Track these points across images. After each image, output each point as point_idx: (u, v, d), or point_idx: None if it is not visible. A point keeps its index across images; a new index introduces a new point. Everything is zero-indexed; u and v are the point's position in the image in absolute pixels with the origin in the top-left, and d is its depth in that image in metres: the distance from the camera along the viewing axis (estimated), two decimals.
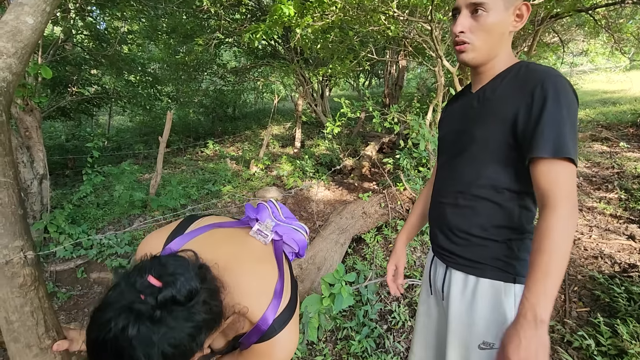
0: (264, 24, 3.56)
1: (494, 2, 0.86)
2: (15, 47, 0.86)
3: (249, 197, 5.18)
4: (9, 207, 0.79)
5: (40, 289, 0.83)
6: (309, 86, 8.13)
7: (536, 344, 0.74)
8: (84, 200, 4.26)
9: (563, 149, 0.77)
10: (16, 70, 0.87)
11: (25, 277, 0.80)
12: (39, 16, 0.90)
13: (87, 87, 7.39)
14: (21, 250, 0.80)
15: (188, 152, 8.21)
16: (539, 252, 0.76)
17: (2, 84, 0.82)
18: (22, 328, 0.80)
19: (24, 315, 0.80)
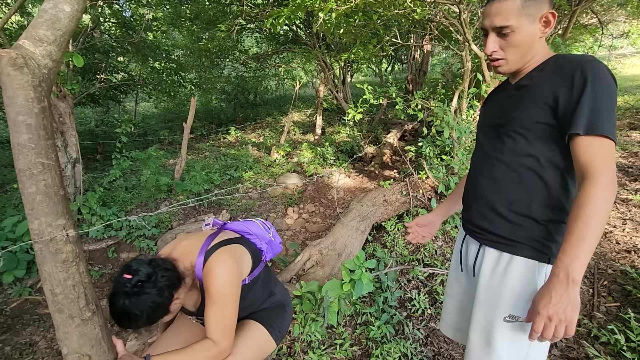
0: (286, 8, 3.52)
1: (518, 21, 0.90)
2: (55, 35, 0.90)
3: (270, 184, 5.25)
4: (52, 187, 0.84)
5: (80, 265, 0.89)
6: (331, 72, 8.03)
7: (566, 302, 0.78)
8: (113, 183, 4.45)
9: (598, 126, 0.81)
10: (56, 58, 0.90)
11: (67, 253, 0.85)
12: (76, 4, 0.93)
13: (115, 74, 7.61)
14: (64, 229, 0.85)
15: (211, 139, 8.35)
16: (576, 219, 0.79)
17: (44, 71, 0.86)
18: (65, 300, 0.86)
19: (67, 288, 0.86)
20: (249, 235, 1.40)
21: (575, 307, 0.78)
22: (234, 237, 1.30)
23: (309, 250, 2.47)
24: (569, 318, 0.78)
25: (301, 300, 1.90)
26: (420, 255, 2.55)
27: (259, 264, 1.34)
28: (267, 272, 1.43)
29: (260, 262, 1.35)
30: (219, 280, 1.11)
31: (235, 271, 1.15)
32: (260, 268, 1.34)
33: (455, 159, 3.41)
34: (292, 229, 4.18)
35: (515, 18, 0.90)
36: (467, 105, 3.90)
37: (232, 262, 1.16)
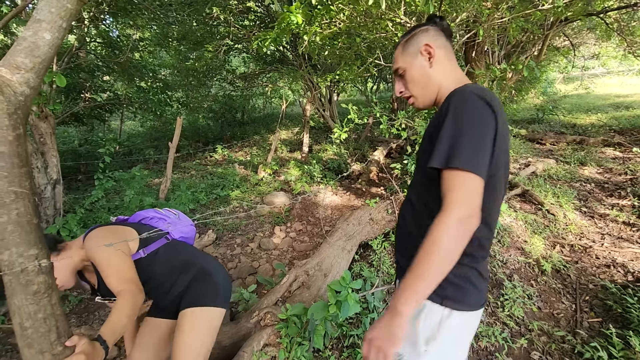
0: (272, 31, 3.60)
1: (404, 61, 1.04)
2: (33, 62, 0.89)
3: (257, 202, 5.21)
4: (24, 216, 0.82)
5: (53, 296, 0.86)
6: (317, 91, 8.17)
7: (385, 332, 0.77)
8: (95, 204, 4.34)
9: (455, 158, 0.79)
10: (34, 85, 0.90)
11: (39, 284, 0.83)
12: (56, 32, 0.94)
13: (100, 93, 7.54)
14: (36, 259, 0.83)
15: (197, 157, 8.30)
16: (418, 251, 0.78)
17: (20, 98, 0.85)
18: (35, 334, 0.82)
19: (37, 322, 0.83)
20: (147, 220, 1.64)
21: (390, 339, 0.75)
22: (116, 222, 1.54)
23: (295, 271, 2.44)
24: (384, 349, 0.75)
25: (287, 323, 1.86)
26: None
27: (158, 239, 1.50)
28: (177, 247, 1.55)
29: (160, 238, 1.51)
30: (95, 248, 1.26)
31: (107, 237, 1.31)
32: (159, 243, 1.49)
33: None
34: (279, 249, 4.13)
35: (402, 59, 1.04)
36: None
37: (103, 232, 1.34)
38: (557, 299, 2.36)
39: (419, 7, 2.46)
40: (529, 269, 2.70)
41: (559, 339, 2.00)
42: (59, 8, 0.94)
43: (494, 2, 3.40)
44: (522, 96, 10.67)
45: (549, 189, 4.16)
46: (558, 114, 9.18)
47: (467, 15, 3.51)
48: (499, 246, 2.96)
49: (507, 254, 2.87)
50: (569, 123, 8.17)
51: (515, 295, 2.33)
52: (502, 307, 2.29)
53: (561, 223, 3.35)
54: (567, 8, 3.17)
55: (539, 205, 3.76)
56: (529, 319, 2.17)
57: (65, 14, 0.95)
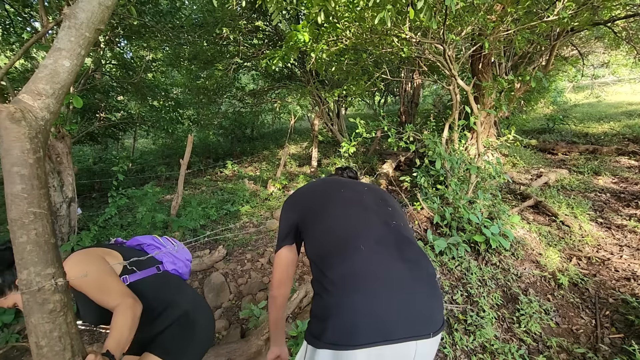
0: (280, 50, 3.70)
1: None
2: (53, 89, 0.94)
3: (267, 217, 5.23)
4: (42, 236, 0.85)
5: (68, 315, 0.87)
6: (325, 106, 8.27)
7: None
8: (108, 221, 4.42)
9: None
10: (54, 109, 0.94)
11: (55, 303, 0.84)
12: (75, 59, 0.99)
13: (114, 112, 7.78)
14: (52, 278, 0.85)
15: (208, 173, 8.41)
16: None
17: (41, 123, 0.90)
18: (50, 353, 0.84)
19: (53, 340, 0.84)
20: (145, 247, 1.58)
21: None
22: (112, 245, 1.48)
23: (306, 287, 2.43)
24: None
25: (297, 340, 1.84)
26: None
27: (148, 268, 1.41)
28: (166, 281, 1.45)
29: (148, 267, 1.42)
30: (72, 271, 1.17)
31: (83, 260, 1.25)
32: (148, 272, 1.39)
33: (449, 189, 3.44)
34: None
35: None
36: (458, 136, 4.00)
37: (79, 256, 1.27)
38: (575, 313, 2.29)
39: (424, 22, 2.50)
40: (544, 282, 2.63)
41: (579, 356, 1.93)
42: (77, 37, 0.99)
43: (498, 16, 3.44)
44: (532, 106, 10.60)
45: (562, 200, 4.08)
46: (569, 123, 9.08)
47: (473, 28, 3.55)
48: (513, 259, 2.90)
49: (521, 267, 2.81)
50: (581, 132, 8.06)
51: (532, 310, 2.27)
52: (517, 322, 2.23)
53: (577, 235, 3.27)
54: (573, 19, 3.18)
55: (553, 216, 3.68)
56: (547, 335, 2.11)
57: (83, 42, 1.00)
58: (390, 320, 0.89)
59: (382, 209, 1.16)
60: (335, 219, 1.12)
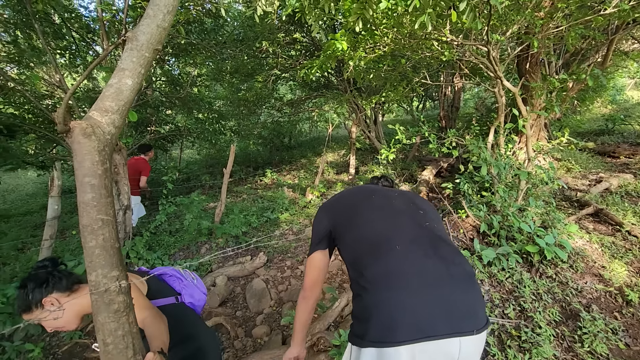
0: (318, 59, 3.76)
1: None
2: (118, 105, 1.03)
3: (306, 225, 5.28)
4: (109, 241, 0.92)
5: (130, 315, 0.94)
6: (362, 113, 8.25)
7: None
8: (158, 228, 4.69)
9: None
10: (118, 124, 1.03)
11: (119, 304, 0.91)
12: (136, 78, 1.07)
13: (163, 125, 8.31)
14: (117, 280, 0.91)
15: (248, 181, 8.68)
16: None
17: (108, 137, 0.98)
18: (115, 350, 0.90)
19: (117, 338, 0.90)
20: (166, 277, 1.63)
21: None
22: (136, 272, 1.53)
23: (347, 295, 2.41)
24: None
25: (340, 350, 1.82)
26: None
27: (166, 297, 1.47)
28: (184, 313, 1.49)
29: (168, 296, 1.49)
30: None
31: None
32: (167, 301, 1.45)
33: (496, 196, 3.26)
34: (328, 272, 4.11)
35: None
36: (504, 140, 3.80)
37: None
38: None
39: (466, 24, 2.43)
40: (610, 298, 2.39)
41: None
42: (138, 57, 1.07)
43: (547, 12, 3.25)
44: (587, 106, 9.82)
45: (628, 208, 3.71)
46: (632, 123, 8.28)
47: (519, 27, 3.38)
48: (571, 272, 2.67)
49: (582, 281, 2.58)
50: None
51: (596, 329, 2.07)
52: (580, 342, 2.04)
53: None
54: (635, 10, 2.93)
55: (617, 226, 3.35)
56: (616, 358, 1.91)
57: (143, 62, 1.08)
58: (429, 316, 0.90)
59: (414, 211, 1.20)
60: (365, 225, 1.17)
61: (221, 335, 3.33)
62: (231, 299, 3.86)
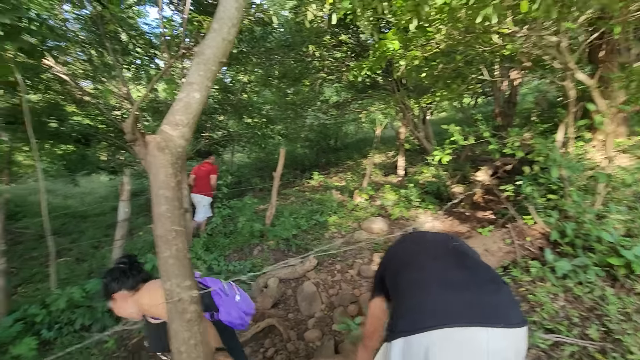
0: (367, 60, 3.69)
1: None
2: (187, 119, 1.06)
3: (355, 228, 5.22)
4: (181, 251, 0.94)
5: (201, 325, 0.96)
6: (410, 113, 7.99)
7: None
8: (214, 229, 4.91)
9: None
10: (188, 137, 1.06)
11: (191, 313, 0.93)
12: (204, 90, 1.10)
13: (217, 131, 8.74)
14: (189, 289, 0.94)
15: (296, 184, 8.81)
16: None
17: (179, 150, 1.01)
18: (188, 359, 0.92)
19: (190, 347, 0.92)
20: (208, 284, 1.61)
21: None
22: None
23: None
24: None
25: None
26: (537, 316, 2.17)
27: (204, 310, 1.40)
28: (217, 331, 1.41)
29: (205, 311, 1.44)
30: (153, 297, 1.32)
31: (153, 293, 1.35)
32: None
33: (568, 200, 2.95)
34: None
35: None
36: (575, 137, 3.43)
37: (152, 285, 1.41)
38: None
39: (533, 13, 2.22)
40: None
41: None
42: (206, 71, 1.10)
43: None
44: None
45: None
46: None
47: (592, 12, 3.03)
48: None
49: None
50: None
51: None
52: None
53: None
54: None
55: None
56: None
57: (210, 75, 1.11)
58: (456, 308, 0.99)
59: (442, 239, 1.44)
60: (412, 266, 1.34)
61: (274, 337, 3.39)
62: (283, 300, 3.92)
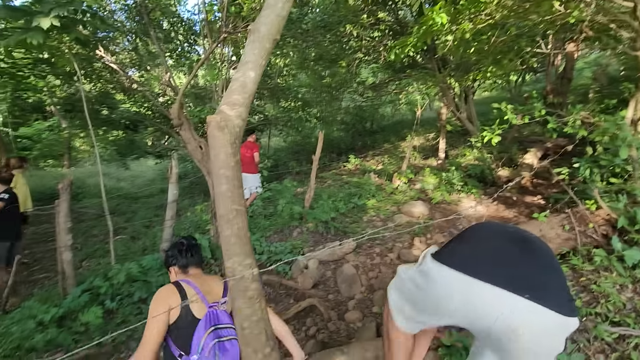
0: (409, 37, 3.50)
1: None
2: (244, 98, 1.05)
3: (394, 212, 5.13)
4: (242, 230, 0.95)
5: (262, 302, 0.97)
6: (452, 93, 7.59)
7: None
8: (255, 212, 5.04)
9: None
10: (244, 117, 1.06)
11: (253, 291, 0.94)
12: (258, 69, 1.08)
13: (255, 115, 8.88)
14: (250, 267, 0.95)
15: (332, 167, 8.79)
16: None
17: (237, 129, 1.01)
18: (250, 335, 0.94)
19: (252, 323, 0.94)
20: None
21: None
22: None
23: None
24: None
25: (450, 350, 1.70)
26: (601, 308, 2.01)
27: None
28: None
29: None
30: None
31: (156, 297, 1.28)
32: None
33: (638, 184, 2.68)
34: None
35: None
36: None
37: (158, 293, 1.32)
38: None
39: None
40: None
41: None
42: (260, 49, 1.08)
43: None
44: None
45: None
46: None
47: None
48: None
49: None
50: None
51: None
52: None
53: None
54: None
55: None
56: None
57: (264, 53, 1.09)
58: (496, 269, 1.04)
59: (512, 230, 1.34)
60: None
61: (315, 316, 3.46)
62: (322, 282, 3.98)
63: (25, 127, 10.23)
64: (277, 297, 3.87)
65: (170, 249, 1.53)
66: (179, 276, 1.46)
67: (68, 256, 3.52)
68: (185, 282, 1.33)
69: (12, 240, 3.87)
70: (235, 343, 1.21)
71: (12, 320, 3.29)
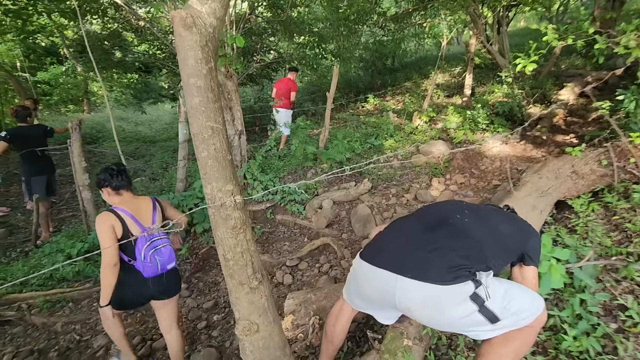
0: None
1: None
2: None
3: (413, 152, 4.91)
4: (220, 152, 0.82)
5: (247, 232, 0.87)
6: (483, 22, 6.78)
7: None
8: (268, 152, 4.95)
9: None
10: (219, 15, 0.86)
11: (235, 219, 0.83)
12: None
13: (267, 53, 8.39)
14: (232, 194, 0.83)
15: (350, 107, 8.42)
16: None
17: (209, 30, 0.82)
18: (235, 266, 0.85)
19: (237, 255, 0.85)
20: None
21: None
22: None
23: None
24: None
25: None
26: (634, 247, 1.85)
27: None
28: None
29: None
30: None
31: (99, 219, 1.71)
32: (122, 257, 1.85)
33: None
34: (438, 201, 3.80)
35: None
36: None
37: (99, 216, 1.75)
38: None
39: None
40: None
41: None
42: None
43: None
44: None
45: None
46: None
47: None
48: None
49: None
50: None
51: None
52: None
53: None
54: None
55: None
56: None
57: None
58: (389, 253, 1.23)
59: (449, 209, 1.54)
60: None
61: (329, 254, 3.50)
62: (337, 222, 3.96)
63: (42, 71, 10.18)
64: (292, 235, 3.91)
65: (102, 173, 1.81)
66: (111, 197, 1.82)
67: (87, 195, 3.61)
68: (119, 209, 1.73)
69: (47, 174, 4.14)
70: (168, 246, 1.85)
71: (44, 254, 3.52)
